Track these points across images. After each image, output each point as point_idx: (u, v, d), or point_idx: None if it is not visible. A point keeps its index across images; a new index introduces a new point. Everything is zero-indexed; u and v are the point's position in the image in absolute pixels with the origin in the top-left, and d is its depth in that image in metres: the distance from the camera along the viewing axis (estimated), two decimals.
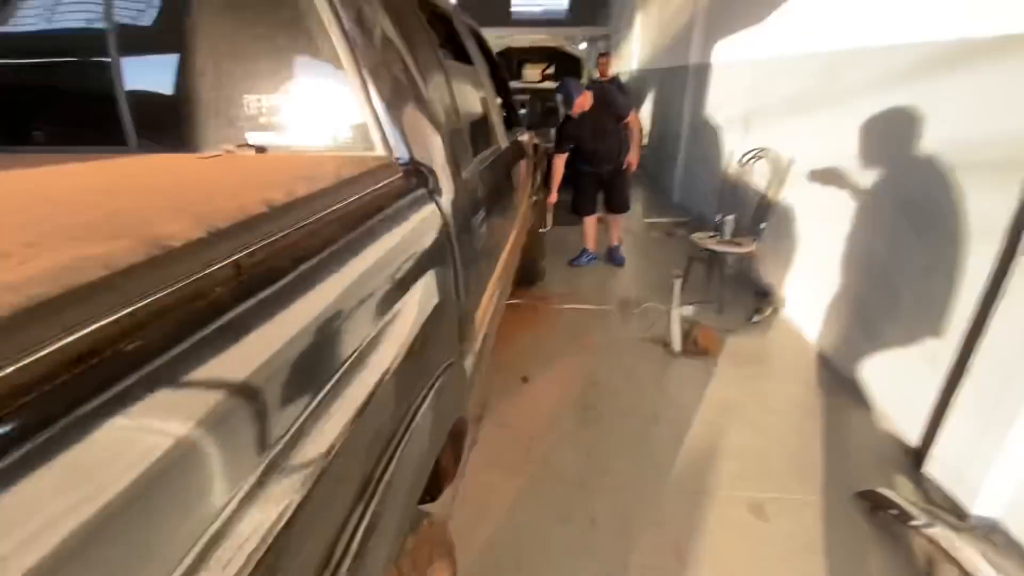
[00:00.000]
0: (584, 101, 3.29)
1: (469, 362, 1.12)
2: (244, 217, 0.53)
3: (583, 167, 3.60)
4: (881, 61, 2.30)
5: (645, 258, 4.10)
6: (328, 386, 0.54)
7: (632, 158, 3.51)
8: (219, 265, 0.46)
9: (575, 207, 3.76)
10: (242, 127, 0.90)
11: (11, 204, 0.62)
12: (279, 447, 0.45)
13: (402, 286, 0.73)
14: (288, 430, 0.47)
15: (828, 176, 2.72)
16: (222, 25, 0.92)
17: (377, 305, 0.65)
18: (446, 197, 1.00)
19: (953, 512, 1.67)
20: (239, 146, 0.86)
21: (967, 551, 1.43)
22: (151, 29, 0.99)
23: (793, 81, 3.15)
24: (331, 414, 0.53)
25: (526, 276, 3.43)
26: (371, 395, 0.60)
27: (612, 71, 6.00)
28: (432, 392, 0.79)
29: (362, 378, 0.59)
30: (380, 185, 0.78)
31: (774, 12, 3.45)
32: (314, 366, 0.52)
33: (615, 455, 1.95)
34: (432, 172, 0.96)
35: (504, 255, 1.83)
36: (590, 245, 3.89)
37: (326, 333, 0.54)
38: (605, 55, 5.96)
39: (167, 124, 0.96)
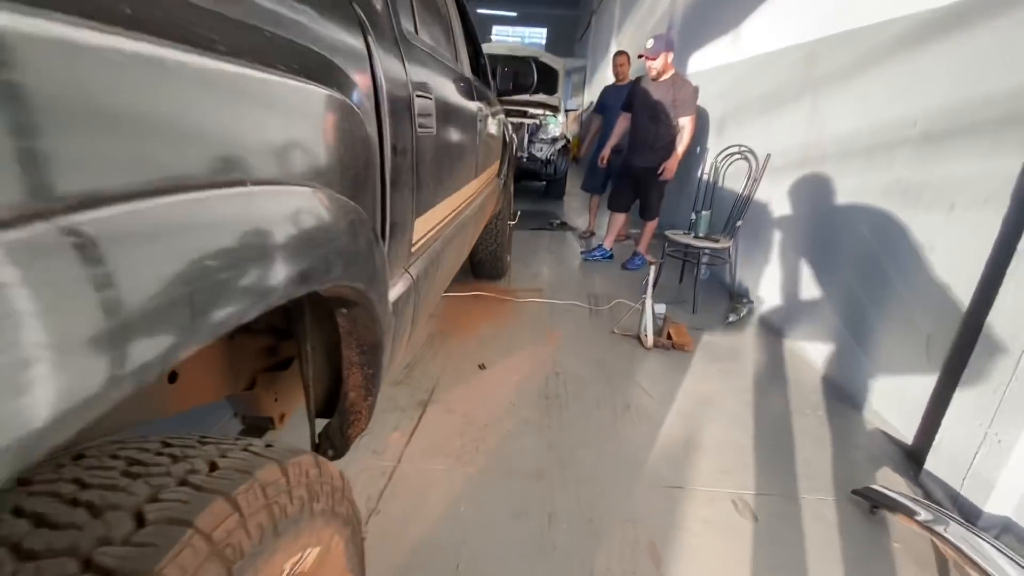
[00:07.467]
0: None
1: None
2: None
3: (621, 164, 3.76)
4: (863, 40, 2.20)
5: (613, 261, 3.92)
6: None
7: (671, 164, 3.45)
8: None
9: (609, 202, 3.86)
10: None
11: None
12: None
13: None
14: None
15: (807, 167, 2.60)
16: None
17: None
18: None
19: (959, 511, 1.46)
20: None
21: (989, 552, 1.21)
22: None
23: (768, 77, 3.07)
24: None
25: (490, 270, 3.19)
26: None
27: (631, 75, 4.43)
28: None
29: None
30: None
31: (749, 15, 3.42)
32: None
33: (580, 446, 1.69)
34: None
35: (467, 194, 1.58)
36: (607, 243, 3.93)
37: None
38: (622, 53, 4.49)
39: None
